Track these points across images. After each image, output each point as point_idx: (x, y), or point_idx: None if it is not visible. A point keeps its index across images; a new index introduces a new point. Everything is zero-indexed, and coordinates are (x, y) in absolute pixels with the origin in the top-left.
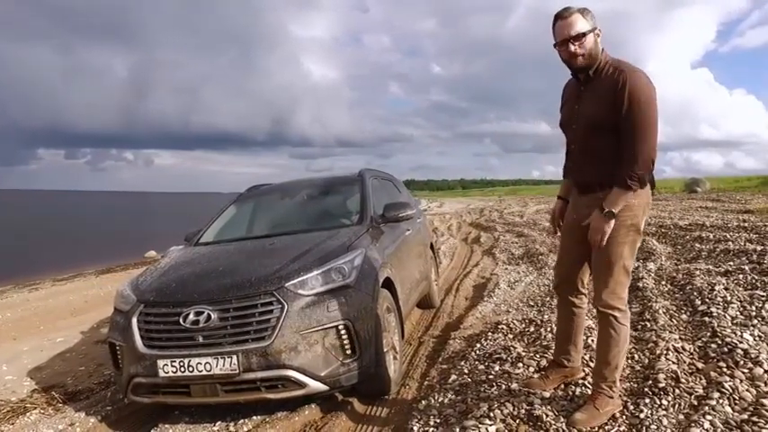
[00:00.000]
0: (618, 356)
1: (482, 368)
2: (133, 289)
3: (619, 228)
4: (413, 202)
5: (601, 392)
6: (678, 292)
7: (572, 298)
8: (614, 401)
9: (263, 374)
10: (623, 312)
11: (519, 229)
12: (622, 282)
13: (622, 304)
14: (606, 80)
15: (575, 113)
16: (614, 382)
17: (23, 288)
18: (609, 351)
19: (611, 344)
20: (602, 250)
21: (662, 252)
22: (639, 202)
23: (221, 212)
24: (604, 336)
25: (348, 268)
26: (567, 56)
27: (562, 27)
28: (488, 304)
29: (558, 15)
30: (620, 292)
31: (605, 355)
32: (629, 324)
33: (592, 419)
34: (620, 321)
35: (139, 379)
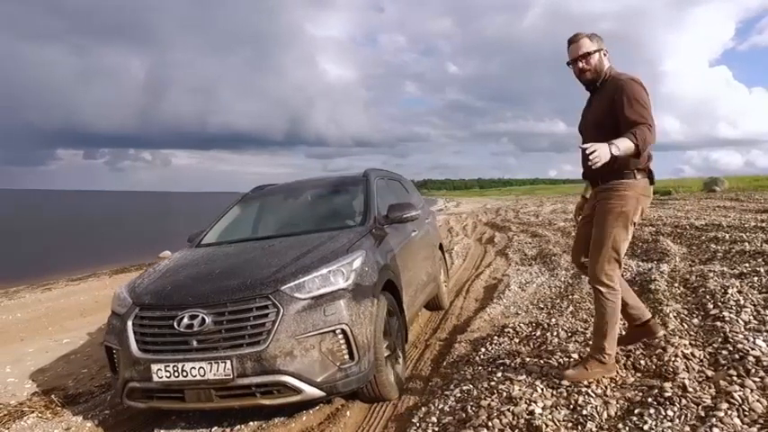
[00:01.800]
0: (607, 326)
1: (485, 374)
2: (129, 291)
3: (610, 212)
4: (420, 203)
5: (593, 357)
6: (691, 294)
7: None
8: (606, 367)
9: (258, 380)
10: (610, 289)
11: (534, 229)
12: (610, 262)
13: (610, 281)
14: (608, 88)
15: (585, 118)
16: (603, 349)
17: (37, 288)
18: (600, 321)
19: (602, 315)
20: (597, 232)
21: (676, 253)
22: (633, 193)
23: (224, 213)
24: (597, 309)
25: (346, 271)
26: (577, 72)
27: (572, 49)
28: (497, 306)
29: (570, 40)
30: (607, 269)
31: (597, 324)
32: (618, 301)
33: (579, 376)
34: (606, 297)
35: (134, 383)
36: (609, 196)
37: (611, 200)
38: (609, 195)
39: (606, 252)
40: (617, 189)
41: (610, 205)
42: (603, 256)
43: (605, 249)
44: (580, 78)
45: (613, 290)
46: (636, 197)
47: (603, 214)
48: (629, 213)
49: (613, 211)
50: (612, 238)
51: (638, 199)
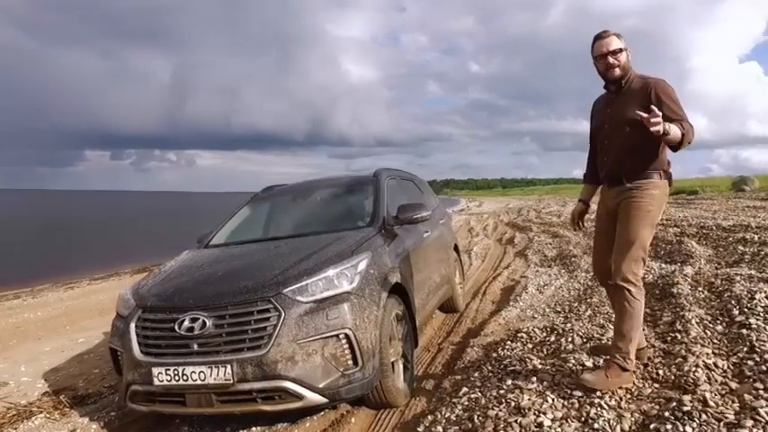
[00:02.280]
0: (632, 330)
1: (495, 381)
2: (133, 293)
3: (639, 210)
4: (434, 204)
5: (614, 362)
6: (715, 299)
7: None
8: (626, 375)
9: (259, 385)
10: (637, 288)
11: (555, 229)
12: (638, 260)
13: (636, 280)
14: (635, 87)
15: (607, 116)
16: (628, 354)
17: (60, 287)
18: (623, 324)
19: (625, 317)
20: (623, 231)
21: (701, 255)
22: (659, 192)
23: (234, 214)
24: (620, 309)
25: (351, 274)
26: (605, 67)
27: (602, 45)
28: (514, 309)
29: (598, 36)
30: (634, 268)
31: (620, 327)
32: (643, 300)
33: (598, 383)
34: (633, 296)
35: (136, 386)
36: (637, 195)
37: (639, 198)
38: (636, 194)
39: (635, 250)
40: (645, 188)
41: (639, 203)
42: (632, 255)
43: (634, 248)
44: (606, 74)
45: (640, 289)
46: (661, 197)
47: (631, 212)
48: (655, 213)
49: (642, 209)
50: (641, 236)
51: (662, 199)
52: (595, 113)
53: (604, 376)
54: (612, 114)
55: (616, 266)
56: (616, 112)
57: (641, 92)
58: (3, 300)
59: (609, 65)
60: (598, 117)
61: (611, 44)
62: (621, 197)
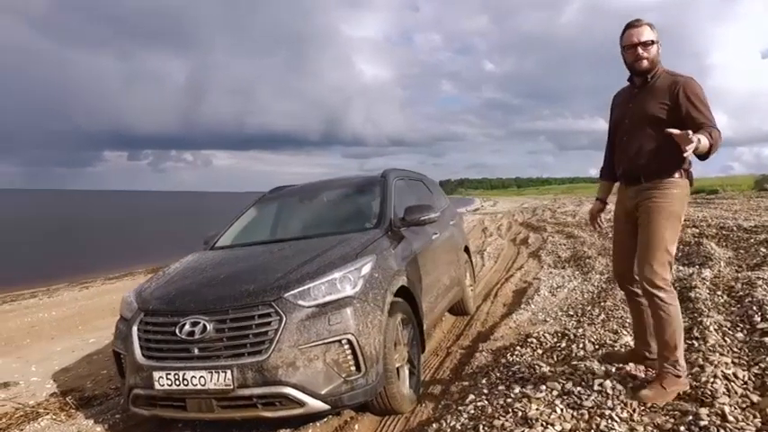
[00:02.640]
0: (674, 335)
1: (502, 388)
2: (136, 296)
3: (661, 211)
4: (444, 205)
5: (667, 372)
6: (735, 304)
7: (634, 288)
8: (681, 381)
9: (259, 391)
10: (668, 292)
11: (569, 229)
12: (664, 264)
13: (666, 285)
14: (662, 84)
15: (629, 110)
16: (677, 361)
17: (76, 286)
18: (665, 332)
19: (664, 325)
20: (645, 234)
21: (721, 257)
22: (680, 191)
23: (240, 215)
24: (657, 318)
25: (354, 277)
26: (634, 58)
27: (632, 34)
28: (525, 312)
29: (630, 24)
30: (662, 272)
31: (662, 337)
32: (677, 303)
33: (657, 396)
34: (666, 301)
35: (138, 390)
36: (657, 195)
37: (660, 198)
38: (657, 194)
39: (660, 254)
40: (666, 187)
41: (660, 204)
42: (657, 260)
43: (659, 252)
44: (634, 66)
45: (671, 293)
46: (682, 197)
47: (652, 214)
48: (678, 213)
49: (665, 209)
50: (665, 238)
51: (683, 199)
52: (616, 107)
53: (662, 388)
54: (634, 110)
55: (641, 273)
56: (638, 108)
57: (668, 90)
58: (20, 299)
59: (637, 56)
60: (619, 111)
61: (643, 34)
62: (640, 197)
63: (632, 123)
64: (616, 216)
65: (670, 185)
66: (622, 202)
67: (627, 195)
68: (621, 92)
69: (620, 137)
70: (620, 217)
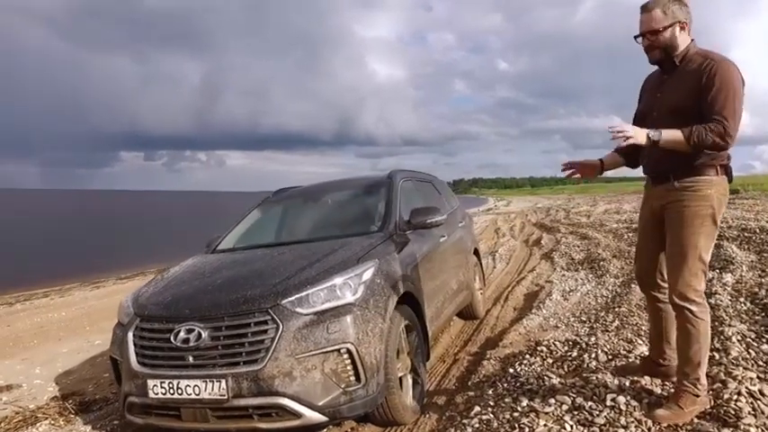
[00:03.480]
0: (699, 352)
1: (509, 401)
2: (133, 301)
3: (694, 217)
4: (453, 206)
5: (685, 390)
6: (759, 312)
7: (655, 293)
8: (700, 400)
9: (255, 401)
10: (700, 306)
11: (584, 230)
12: (698, 274)
13: (699, 297)
14: (693, 69)
15: (656, 101)
16: (698, 380)
17: (87, 286)
18: (689, 348)
19: (690, 340)
20: (676, 241)
21: (743, 261)
22: (715, 191)
23: (244, 217)
24: (683, 332)
25: (354, 284)
26: (645, 48)
27: (642, 20)
28: (536, 317)
29: (642, 8)
30: (695, 284)
31: (686, 352)
32: (708, 318)
33: (675, 417)
34: (697, 316)
35: (132, 398)
36: (688, 197)
37: (692, 201)
38: (688, 196)
39: (692, 264)
40: (699, 189)
41: (692, 208)
42: (689, 270)
43: (690, 261)
44: (647, 56)
45: (703, 306)
46: (719, 197)
47: (684, 219)
48: (715, 215)
49: (698, 214)
50: (699, 246)
51: (721, 199)
52: (644, 94)
53: (679, 408)
54: (663, 100)
55: (672, 284)
56: (667, 98)
57: (697, 74)
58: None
59: (647, 47)
60: (646, 100)
61: (651, 22)
62: (669, 199)
63: (660, 115)
64: (642, 215)
65: (704, 185)
66: (649, 202)
67: (654, 195)
68: (651, 77)
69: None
70: (645, 217)
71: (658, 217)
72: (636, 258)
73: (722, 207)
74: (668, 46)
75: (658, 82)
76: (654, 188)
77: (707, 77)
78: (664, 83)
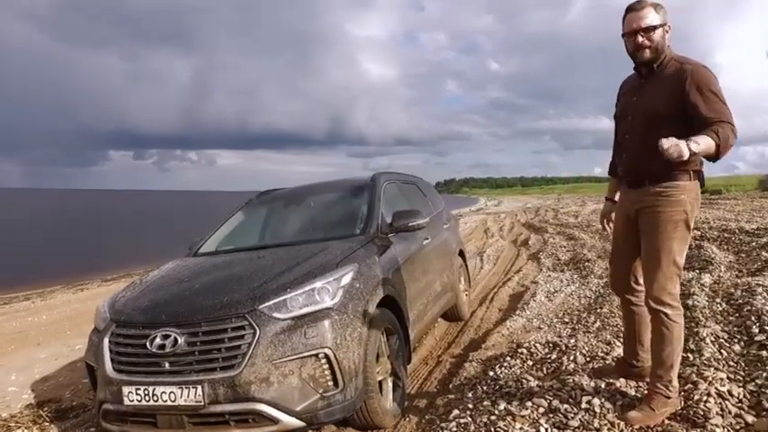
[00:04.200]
0: (672, 355)
1: (488, 404)
2: (109, 307)
3: (668, 222)
4: (438, 208)
5: (657, 392)
6: (734, 313)
7: (629, 296)
8: (672, 401)
9: (231, 407)
10: (675, 309)
11: (571, 231)
12: (673, 278)
13: (674, 300)
14: (670, 74)
15: (632, 105)
16: (670, 382)
17: (71, 288)
18: (663, 350)
19: (664, 343)
20: (651, 246)
21: (722, 261)
22: (688, 197)
23: (226, 219)
24: (657, 335)
25: (333, 288)
26: (634, 47)
27: (633, 19)
28: (520, 319)
29: (631, 7)
30: (670, 287)
31: (659, 355)
32: (682, 322)
33: (646, 419)
34: (671, 319)
35: (107, 405)
36: (663, 202)
37: (666, 206)
38: (662, 201)
39: (667, 268)
40: (672, 194)
41: (666, 213)
42: (665, 274)
43: (665, 265)
44: (635, 56)
45: (678, 310)
46: (692, 202)
47: (658, 224)
48: (688, 220)
49: (672, 219)
50: (673, 251)
51: (693, 204)
52: (622, 96)
53: (651, 410)
54: (638, 105)
55: (647, 288)
56: (643, 103)
57: (674, 80)
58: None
59: (638, 45)
60: (623, 104)
61: (645, 19)
62: (644, 203)
63: (635, 120)
64: (616, 218)
65: (678, 191)
66: (624, 206)
67: (629, 198)
68: (628, 80)
69: (622, 134)
70: (620, 221)
71: (633, 221)
72: (610, 262)
73: (695, 211)
74: (659, 46)
75: (635, 86)
76: (629, 192)
77: (689, 83)
78: (641, 87)
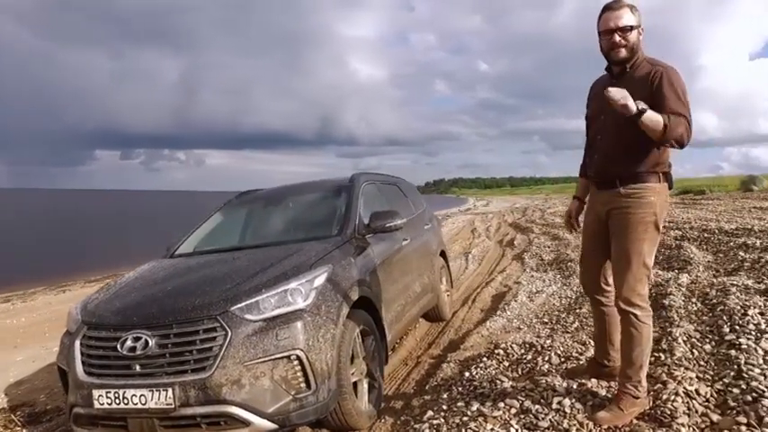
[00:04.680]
0: (641, 356)
1: (461, 405)
2: (81, 309)
3: (638, 224)
4: (419, 209)
5: (626, 392)
6: (708, 313)
7: (599, 297)
8: (640, 401)
9: (202, 410)
10: (644, 310)
11: (556, 231)
12: (642, 279)
13: (642, 301)
14: (642, 75)
15: (605, 105)
16: (639, 382)
17: (53, 290)
18: (632, 351)
19: (633, 343)
20: (621, 247)
21: (700, 261)
22: (658, 199)
23: (204, 220)
24: (627, 335)
25: (306, 289)
26: (610, 46)
27: (610, 18)
28: (500, 319)
29: (608, 6)
30: (639, 289)
31: (629, 355)
32: (651, 323)
33: (614, 419)
34: (641, 320)
35: (78, 409)
36: (633, 204)
37: (636, 208)
38: (632, 203)
39: (636, 270)
40: (643, 195)
41: (636, 215)
42: (635, 275)
43: (636, 267)
44: (610, 55)
45: (647, 311)
46: (661, 204)
47: (628, 226)
48: (657, 222)
49: (642, 221)
50: (642, 252)
51: (663, 206)
52: (594, 96)
53: (619, 410)
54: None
55: (617, 289)
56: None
57: (646, 80)
58: None
59: (614, 44)
60: (594, 105)
61: (622, 18)
62: (614, 205)
63: (607, 120)
64: (586, 220)
65: (648, 192)
66: (594, 207)
67: (599, 200)
68: (599, 81)
69: (593, 134)
70: (590, 222)
71: (603, 223)
72: (581, 262)
73: (664, 213)
74: (634, 47)
75: (607, 86)
76: (600, 194)
77: (657, 83)
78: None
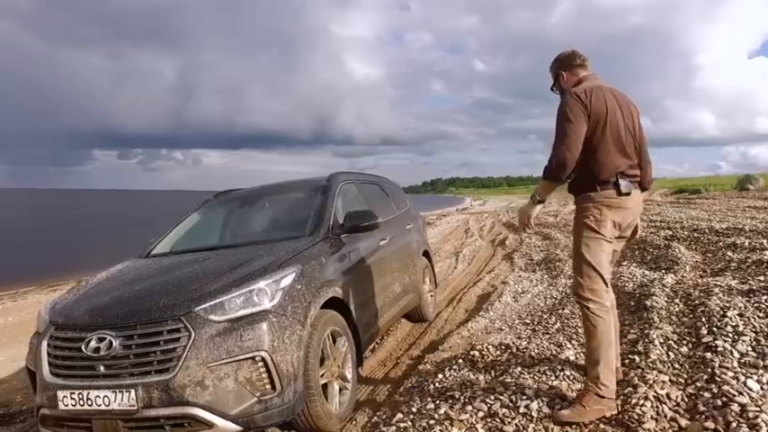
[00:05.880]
0: (598, 350)
1: (431, 407)
2: (50, 309)
3: (580, 227)
4: (402, 208)
5: (587, 389)
6: (689, 314)
7: None
8: (605, 402)
9: (166, 412)
10: (598, 304)
11: (547, 230)
12: (590, 275)
13: (594, 296)
14: None
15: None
16: (598, 378)
17: (45, 289)
18: (590, 344)
19: (589, 337)
20: (573, 248)
21: (688, 261)
22: (593, 204)
23: (182, 220)
24: (585, 329)
25: (272, 290)
26: None
27: None
28: (482, 320)
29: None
30: (588, 284)
31: (588, 350)
32: (608, 318)
33: (575, 415)
34: (595, 313)
35: (45, 410)
36: (577, 210)
37: (579, 213)
38: (577, 209)
39: (581, 267)
40: (581, 202)
41: (578, 220)
42: (581, 272)
43: (580, 264)
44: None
45: (602, 306)
46: (598, 208)
47: (575, 228)
48: (591, 225)
49: (581, 224)
50: (583, 251)
51: (602, 210)
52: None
53: (581, 407)
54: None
55: (573, 284)
56: None
57: None
58: None
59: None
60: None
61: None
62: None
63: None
64: None
65: (585, 200)
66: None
67: None
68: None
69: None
70: None
71: None
72: None
73: (604, 217)
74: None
75: None
76: None
77: None
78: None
